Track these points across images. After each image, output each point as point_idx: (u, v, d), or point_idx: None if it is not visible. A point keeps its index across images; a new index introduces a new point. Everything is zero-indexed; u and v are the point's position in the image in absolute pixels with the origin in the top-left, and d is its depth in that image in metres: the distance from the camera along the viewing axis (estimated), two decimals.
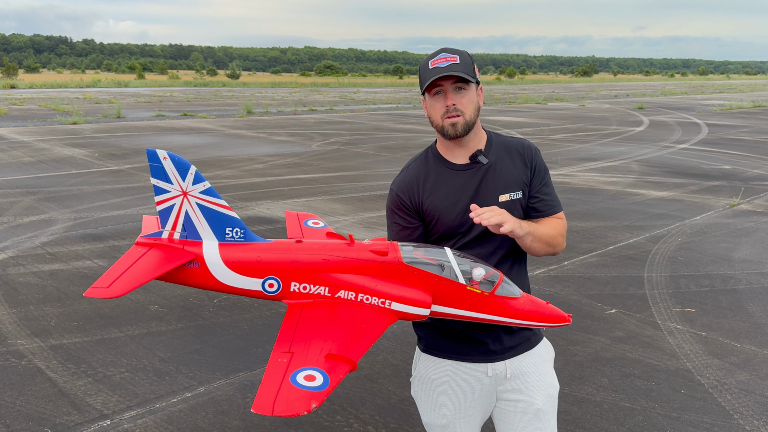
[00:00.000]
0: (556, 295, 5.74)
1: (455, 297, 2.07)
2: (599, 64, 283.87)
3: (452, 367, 2.28)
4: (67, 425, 3.59)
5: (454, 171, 2.24)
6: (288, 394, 1.77)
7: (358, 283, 2.10)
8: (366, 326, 2.03)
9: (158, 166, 2.23)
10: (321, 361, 1.90)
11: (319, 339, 1.99)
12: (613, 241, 7.56)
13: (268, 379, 1.84)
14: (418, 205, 2.25)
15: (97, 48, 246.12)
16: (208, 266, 2.21)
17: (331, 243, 2.23)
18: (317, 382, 1.81)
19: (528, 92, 53.87)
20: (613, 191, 10.68)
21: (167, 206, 2.26)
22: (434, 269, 2.08)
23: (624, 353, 4.60)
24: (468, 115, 2.15)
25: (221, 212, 2.26)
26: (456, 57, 2.14)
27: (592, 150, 16.09)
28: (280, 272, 2.16)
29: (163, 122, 22.57)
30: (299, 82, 74.17)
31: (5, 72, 68.71)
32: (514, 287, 2.11)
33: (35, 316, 5.12)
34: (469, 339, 2.26)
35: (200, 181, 2.23)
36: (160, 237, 2.29)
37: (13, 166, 12.39)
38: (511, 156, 2.27)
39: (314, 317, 2.08)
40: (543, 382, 2.32)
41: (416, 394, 2.40)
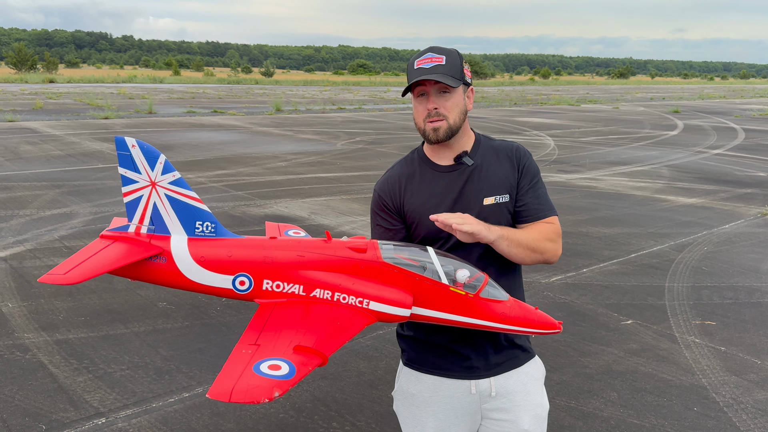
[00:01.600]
0: (572, 303, 5.58)
1: (437, 298, 1.97)
2: (636, 66, 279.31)
3: (434, 383, 2.19)
4: (62, 422, 3.58)
5: (438, 172, 2.16)
6: (249, 381, 1.67)
7: (335, 281, 2.00)
8: (341, 324, 1.93)
9: (126, 155, 2.13)
10: (289, 353, 1.80)
11: (289, 332, 1.89)
12: (636, 248, 7.34)
13: (229, 367, 1.75)
14: (399, 206, 2.17)
15: (135, 44, 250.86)
16: (176, 262, 2.11)
17: (306, 240, 2.14)
18: (282, 372, 1.72)
19: (561, 93, 53.15)
20: (640, 197, 10.41)
21: (135, 197, 2.17)
22: (416, 269, 1.98)
23: (637, 366, 4.43)
24: (452, 119, 2.06)
25: (191, 204, 2.15)
26: (442, 57, 2.05)
27: (622, 153, 15.75)
28: (252, 269, 2.05)
29: (193, 119, 22.80)
30: (331, 81, 74.42)
31: (45, 67, 70.34)
32: (500, 291, 2.00)
33: (45, 309, 5.15)
34: (452, 353, 2.16)
35: (170, 170, 2.14)
36: (126, 231, 2.20)
37: (42, 160, 12.61)
38: (499, 159, 2.17)
39: (286, 315, 1.98)
40: (530, 401, 2.19)
41: (397, 409, 2.31)
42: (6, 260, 6.33)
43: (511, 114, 28.65)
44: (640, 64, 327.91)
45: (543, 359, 4.46)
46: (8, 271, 6.03)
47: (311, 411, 3.78)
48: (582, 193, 10.62)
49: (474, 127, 2.26)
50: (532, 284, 6.04)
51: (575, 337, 4.90)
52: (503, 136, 18.58)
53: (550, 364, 4.42)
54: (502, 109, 32.44)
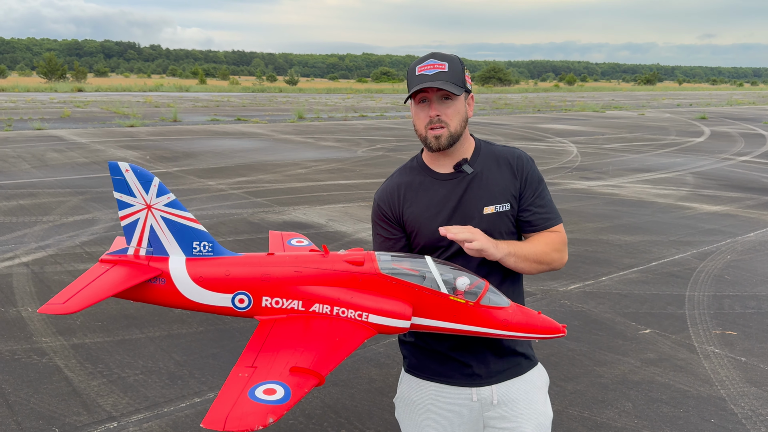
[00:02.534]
0: (589, 312, 5.50)
1: (437, 308, 1.96)
2: (664, 72, 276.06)
3: (435, 390, 2.17)
4: (75, 426, 3.62)
5: (437, 181, 2.14)
6: (243, 408, 1.68)
7: (333, 295, 2.00)
8: (340, 340, 1.93)
9: (120, 179, 2.16)
10: (285, 375, 1.80)
11: (286, 352, 1.89)
12: (657, 256, 7.22)
13: (225, 393, 1.75)
14: (398, 215, 2.16)
15: (163, 53, 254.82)
16: (175, 282, 2.13)
17: (304, 255, 2.13)
18: (277, 396, 1.72)
19: (586, 100, 52.70)
20: (663, 204, 10.25)
21: (131, 221, 2.19)
22: (414, 279, 1.97)
23: (653, 377, 4.35)
24: (453, 126, 2.05)
25: (187, 225, 2.18)
26: (444, 64, 2.03)
27: (646, 160, 15.55)
28: (250, 287, 2.07)
29: (217, 126, 23.06)
30: (354, 89, 74.75)
31: (75, 76, 71.78)
32: (501, 297, 1.98)
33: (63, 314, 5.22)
34: (453, 361, 2.14)
35: (164, 193, 2.16)
36: (126, 254, 2.22)
37: (68, 167, 12.84)
38: (500, 166, 2.14)
39: (285, 332, 1.98)
40: (533, 410, 2.17)
41: (399, 416, 2.30)
42: (28, 265, 6.45)
43: (534, 120, 28.47)
44: (668, 71, 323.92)
45: (557, 368, 4.42)
46: (29, 276, 6.13)
47: (321, 418, 3.77)
48: (604, 200, 10.50)
49: (496, 134, 2.24)
50: (549, 292, 5.97)
51: (591, 346, 4.83)
52: (525, 142, 18.49)
53: (565, 374, 4.36)
54: (525, 115, 32.26)
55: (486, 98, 54.05)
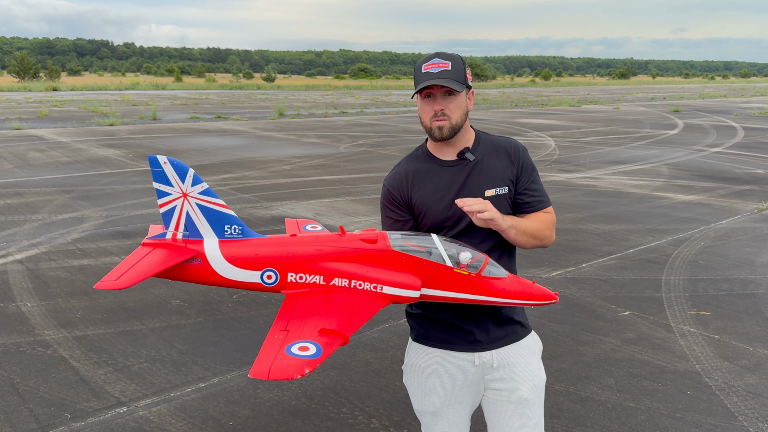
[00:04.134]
0: (571, 296, 5.76)
1: (443, 279, 2.18)
2: (638, 66, 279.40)
3: (441, 356, 2.39)
4: (86, 411, 3.77)
5: (441, 167, 2.35)
6: (283, 362, 1.92)
7: (351, 270, 2.23)
8: (359, 308, 2.17)
9: (159, 171, 2.37)
10: (315, 335, 2.04)
11: (314, 318, 2.13)
12: (634, 244, 7.52)
13: (265, 350, 1.99)
14: (407, 199, 2.37)
15: (137, 51, 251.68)
16: (210, 262, 2.35)
17: (323, 235, 2.36)
18: (311, 351, 1.96)
19: (562, 94, 53.34)
20: (639, 194, 10.58)
21: (169, 208, 2.41)
22: (422, 255, 2.19)
23: (633, 354, 4.61)
24: (455, 119, 2.27)
25: (220, 211, 2.40)
26: (448, 63, 2.25)
27: (622, 153, 15.93)
28: (277, 264, 2.29)
29: (197, 124, 23.04)
30: (333, 85, 74.73)
31: (48, 75, 70.74)
32: (500, 269, 2.20)
33: (63, 308, 5.35)
34: (457, 329, 2.36)
35: (198, 182, 2.37)
36: (164, 238, 2.44)
37: (51, 166, 12.84)
38: (498, 154, 2.37)
39: (311, 302, 2.22)
40: (529, 372, 2.39)
41: (407, 382, 2.51)
42: (22, 262, 6.54)
43: (513, 115, 28.84)
44: (641, 65, 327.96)
45: (543, 348, 4.65)
46: (25, 272, 6.23)
47: (322, 398, 3.97)
48: (582, 191, 10.80)
49: (475, 128, 2.47)
50: (533, 278, 6.22)
51: (574, 327, 5.08)
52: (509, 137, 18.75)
53: (550, 353, 4.60)
54: (504, 110, 32.64)
55: None
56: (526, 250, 7.01)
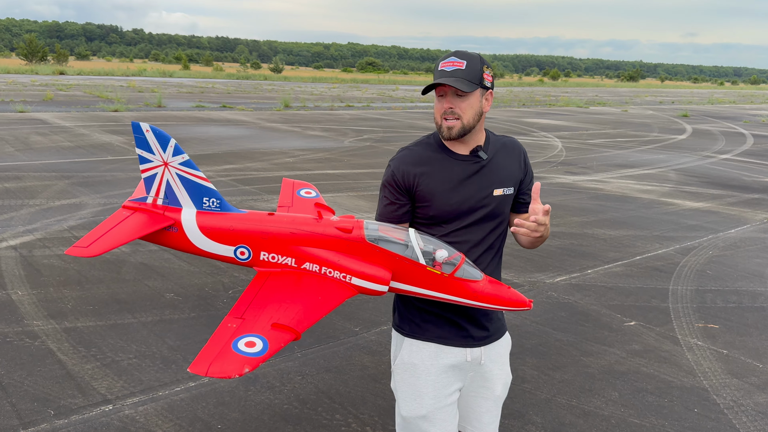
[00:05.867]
0: (575, 303, 5.61)
1: (415, 276, 2.17)
2: (646, 69, 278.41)
3: (434, 350, 2.33)
4: (70, 408, 3.64)
5: (453, 160, 2.30)
6: (225, 358, 1.91)
7: (323, 256, 2.23)
8: (323, 298, 2.15)
9: (142, 138, 2.41)
10: (266, 329, 2.01)
11: (272, 307, 2.12)
12: (641, 251, 7.36)
13: (213, 342, 1.97)
14: (411, 185, 2.29)
15: (146, 38, 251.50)
16: (186, 231, 2.41)
17: (300, 217, 2.35)
18: (256, 349, 1.94)
19: (570, 95, 53.05)
20: (646, 200, 10.42)
21: (150, 174, 2.46)
22: (397, 248, 2.17)
23: (639, 367, 4.46)
24: (466, 119, 2.22)
25: (199, 183, 2.43)
26: (463, 63, 2.20)
27: (629, 156, 15.75)
28: (250, 241, 2.31)
29: (202, 113, 22.90)
30: (340, 78, 74.50)
31: (56, 58, 70.65)
32: (476, 270, 2.18)
33: (54, 298, 5.22)
34: (450, 323, 2.33)
35: (179, 153, 2.41)
36: (145, 202, 2.50)
37: (52, 150, 12.71)
38: (507, 155, 2.39)
39: (277, 285, 2.21)
40: (504, 371, 2.45)
41: (397, 385, 2.42)
42: (16, 248, 6.41)
43: (520, 115, 28.64)
44: (650, 68, 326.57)
45: (545, 358, 4.53)
46: (18, 259, 6.10)
47: (315, 403, 3.83)
48: (588, 194, 10.64)
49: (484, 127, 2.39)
50: (536, 284, 6.07)
51: (578, 337, 4.93)
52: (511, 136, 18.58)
53: (553, 363, 4.46)
54: (511, 109, 32.43)
55: None
56: (528, 253, 6.86)
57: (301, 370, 4.23)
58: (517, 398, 3.97)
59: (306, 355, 4.44)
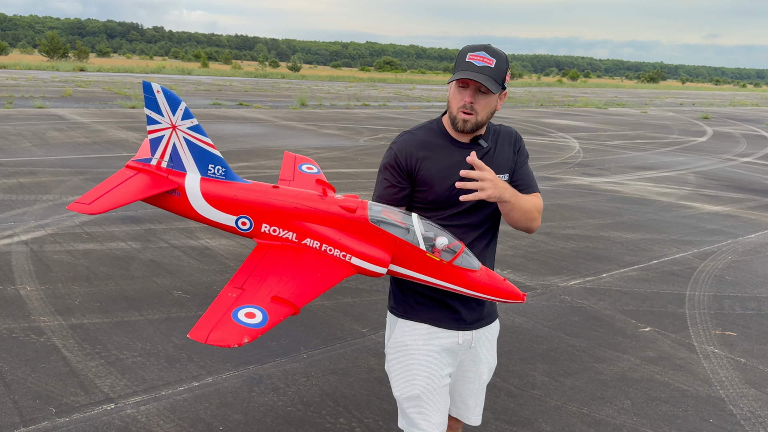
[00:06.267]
0: (589, 308, 5.49)
1: (414, 261, 2.17)
2: (667, 70, 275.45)
3: (427, 331, 2.35)
4: (72, 406, 3.60)
5: (454, 147, 2.32)
6: (225, 327, 1.89)
7: (324, 234, 2.22)
8: (322, 275, 2.14)
9: (152, 98, 2.39)
10: (266, 302, 2.00)
11: (272, 280, 2.09)
12: (657, 255, 7.21)
13: (213, 310, 1.96)
14: (412, 169, 2.29)
15: (166, 35, 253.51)
16: (188, 197, 2.38)
17: (304, 192, 2.32)
18: (256, 320, 1.92)
19: (589, 96, 52.58)
20: (665, 203, 10.23)
21: (157, 136, 2.43)
22: (398, 232, 2.17)
23: (653, 375, 4.34)
24: (481, 116, 2.24)
25: (206, 149, 2.40)
26: (493, 61, 2.19)
27: (648, 158, 15.52)
28: (253, 212, 2.30)
29: (219, 110, 22.97)
30: (357, 77, 74.49)
31: (77, 55, 71.39)
32: (474, 260, 2.19)
33: (62, 294, 5.20)
34: (443, 306, 2.34)
35: (189, 117, 2.37)
36: (150, 163, 2.46)
37: (68, 146, 12.78)
38: (504, 143, 2.41)
39: (276, 259, 2.19)
40: (490, 356, 2.50)
41: (390, 366, 2.45)
42: (27, 243, 6.42)
43: (537, 115, 28.41)
44: (671, 69, 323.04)
45: (556, 363, 4.43)
46: (28, 254, 6.10)
47: (319, 405, 3.76)
48: (606, 197, 10.48)
49: None
50: (550, 287, 5.96)
51: (591, 342, 4.82)
52: (528, 137, 18.43)
53: (564, 369, 4.35)
54: (528, 109, 32.18)
55: None
56: (542, 255, 6.74)
57: (306, 371, 4.17)
58: (527, 405, 3.87)
59: (312, 356, 4.38)
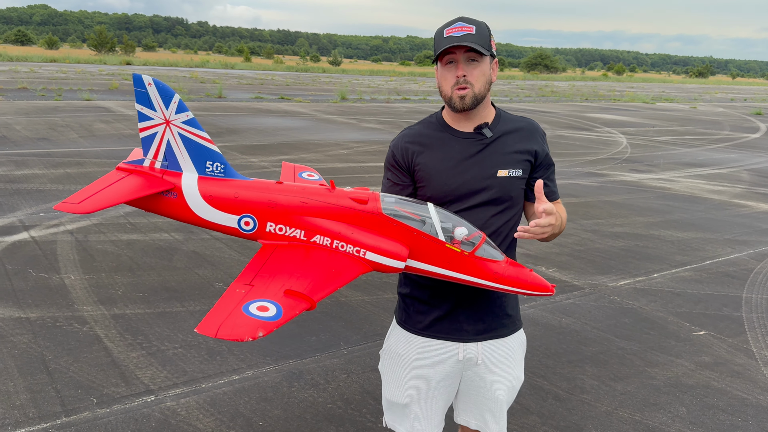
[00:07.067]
0: (640, 309, 5.27)
1: (433, 253, 2.01)
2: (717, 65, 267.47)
3: (422, 345, 2.22)
4: (113, 397, 3.59)
5: (454, 138, 2.16)
6: (236, 320, 1.75)
7: (335, 229, 2.07)
8: (336, 271, 1.99)
9: (143, 92, 2.21)
10: (279, 295, 1.86)
11: (283, 276, 1.95)
12: (711, 255, 6.91)
13: (221, 305, 1.81)
14: (409, 163, 2.18)
15: (210, 30, 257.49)
16: (186, 198, 2.21)
17: (311, 187, 2.17)
18: (269, 313, 1.79)
19: (636, 90, 51.34)
20: (717, 201, 9.85)
21: (150, 134, 2.25)
22: (414, 223, 2.02)
23: (709, 381, 4.12)
24: (477, 88, 2.08)
25: (203, 145, 2.23)
26: (472, 27, 2.06)
27: (698, 155, 15.01)
28: (256, 211, 2.14)
29: (261, 104, 23.12)
30: (397, 71, 74.27)
31: (123, 49, 72.98)
32: (497, 251, 2.03)
33: (105, 284, 5.23)
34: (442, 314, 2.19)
35: (183, 110, 2.20)
36: (142, 165, 2.29)
37: (114, 138, 12.99)
38: (518, 134, 2.19)
39: (285, 257, 2.04)
40: (509, 374, 2.28)
41: (382, 368, 2.35)
42: (72, 233, 6.50)
43: (582, 109, 27.82)
44: (721, 64, 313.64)
45: (606, 367, 4.24)
46: (73, 243, 6.17)
47: (360, 403, 3.67)
48: (655, 194, 10.14)
49: (542, 122, 2.19)
50: (598, 287, 5.75)
51: (642, 345, 4.61)
52: (573, 131, 18.05)
53: (615, 373, 4.17)
54: (573, 104, 31.56)
55: (532, 85, 53.08)
56: (589, 254, 6.52)
57: (346, 367, 4.08)
58: (576, 410, 3.71)
59: (352, 353, 4.29)
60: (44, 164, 9.89)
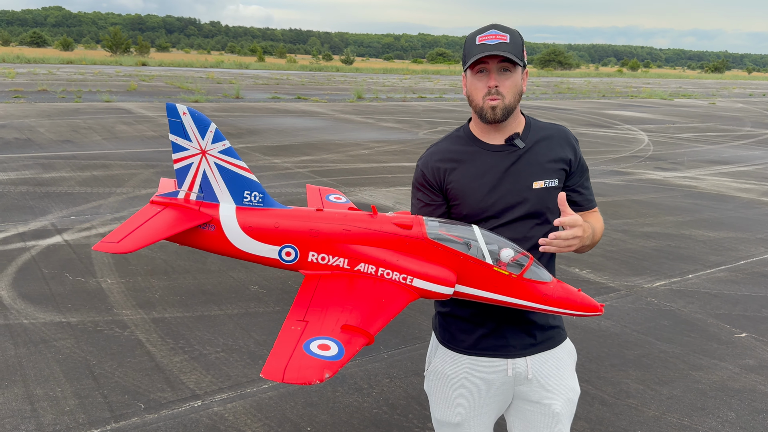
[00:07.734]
0: (678, 311, 5.22)
1: (481, 277, 1.96)
2: (732, 60, 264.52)
3: (469, 363, 2.15)
4: (160, 402, 3.60)
5: (485, 151, 2.09)
6: (300, 362, 1.69)
7: (379, 256, 2.01)
8: (385, 301, 1.93)
9: (177, 122, 2.14)
10: (336, 332, 1.81)
11: (336, 309, 1.90)
12: (745, 254, 6.83)
13: (280, 345, 1.76)
14: (441, 182, 2.11)
15: (222, 30, 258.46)
16: (224, 230, 2.13)
17: (352, 214, 2.11)
18: (332, 352, 1.74)
19: (652, 86, 50.90)
20: (746, 199, 9.73)
21: (185, 165, 2.18)
22: (460, 247, 1.97)
23: (755, 385, 4.07)
24: (508, 99, 2.01)
25: (240, 174, 2.16)
26: (506, 36, 1.99)
27: (722, 152, 14.85)
28: (298, 241, 2.07)
29: (278, 104, 23.17)
30: (411, 69, 74.16)
31: (138, 50, 73.44)
32: (544, 272, 1.98)
33: (142, 287, 5.26)
34: (488, 332, 2.13)
35: (220, 140, 2.14)
36: (176, 197, 2.22)
37: (137, 140, 13.07)
38: (551, 143, 2.12)
39: (331, 289, 1.99)
40: (564, 386, 2.18)
41: (429, 389, 2.28)
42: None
43: (600, 106, 27.62)
44: (736, 58, 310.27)
45: (650, 371, 4.20)
46: None
47: (405, 409, 3.66)
48: (682, 192, 10.04)
49: (561, 120, 2.14)
50: (634, 288, 5.70)
51: (684, 348, 4.56)
52: (593, 129, 17.93)
53: (659, 377, 4.12)
54: (590, 101, 31.35)
55: (547, 81, 52.79)
56: (622, 254, 6.46)
57: (388, 372, 4.07)
58: (623, 415, 3.67)
59: (392, 356, 4.28)
60: (70, 167, 9.96)
